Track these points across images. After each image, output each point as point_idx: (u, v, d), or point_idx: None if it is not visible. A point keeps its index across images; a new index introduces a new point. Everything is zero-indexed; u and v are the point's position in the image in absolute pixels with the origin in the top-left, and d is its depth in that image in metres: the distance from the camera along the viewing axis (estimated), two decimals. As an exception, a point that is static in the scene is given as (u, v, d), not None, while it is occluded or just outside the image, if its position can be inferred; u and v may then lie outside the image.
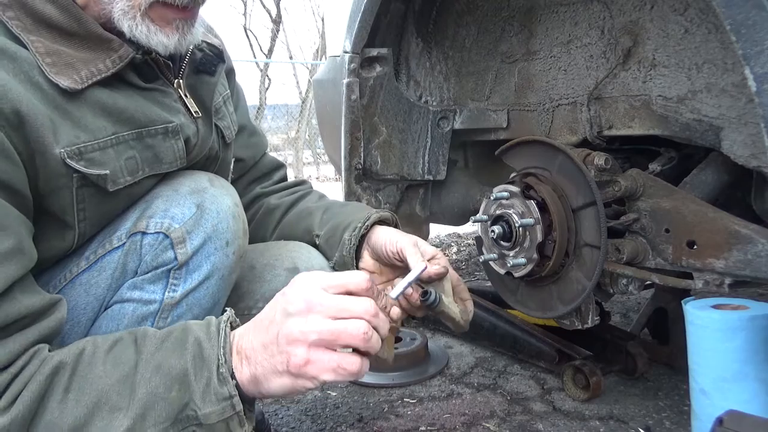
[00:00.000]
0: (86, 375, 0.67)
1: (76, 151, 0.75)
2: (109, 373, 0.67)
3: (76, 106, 0.76)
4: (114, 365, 0.68)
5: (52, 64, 0.74)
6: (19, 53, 0.73)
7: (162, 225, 0.83)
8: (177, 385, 0.67)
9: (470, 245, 3.34)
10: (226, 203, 0.88)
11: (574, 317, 1.37)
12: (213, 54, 0.99)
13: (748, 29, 0.91)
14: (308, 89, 11.15)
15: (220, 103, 1.05)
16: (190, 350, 0.69)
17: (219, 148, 1.03)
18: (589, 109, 1.39)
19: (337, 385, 1.64)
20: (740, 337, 1.11)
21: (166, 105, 0.87)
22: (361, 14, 1.46)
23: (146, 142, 0.84)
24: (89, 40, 0.78)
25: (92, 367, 0.68)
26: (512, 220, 1.36)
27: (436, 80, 1.67)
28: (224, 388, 0.68)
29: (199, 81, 0.96)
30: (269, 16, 12.70)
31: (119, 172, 0.80)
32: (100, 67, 0.78)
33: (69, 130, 0.75)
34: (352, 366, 0.68)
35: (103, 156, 0.78)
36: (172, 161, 0.88)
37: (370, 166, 1.57)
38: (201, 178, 0.90)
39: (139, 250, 0.83)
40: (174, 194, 0.85)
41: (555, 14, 1.45)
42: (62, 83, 0.74)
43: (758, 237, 1.09)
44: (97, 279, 0.84)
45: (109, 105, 0.79)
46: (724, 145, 1.13)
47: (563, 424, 1.36)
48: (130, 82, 0.83)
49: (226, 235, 0.87)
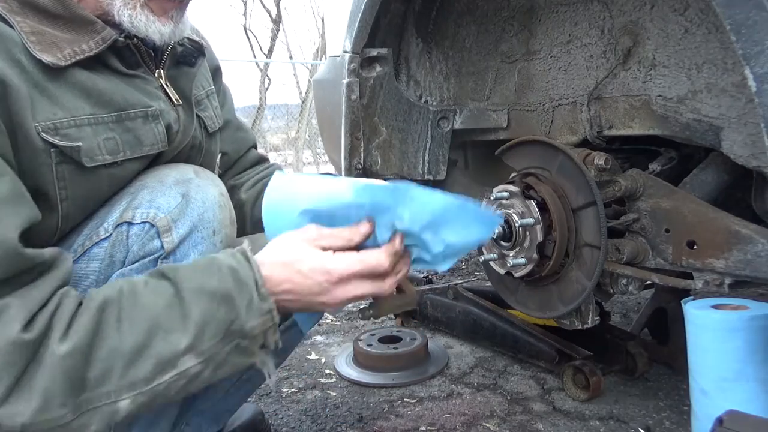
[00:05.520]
0: (133, 306, 0.72)
1: (51, 125, 0.77)
2: (154, 301, 0.73)
3: (56, 85, 0.78)
4: (156, 295, 0.74)
5: (37, 42, 0.77)
6: (4, 32, 0.75)
7: (148, 215, 0.84)
8: (224, 305, 0.74)
9: (470, 245, 3.33)
10: (211, 193, 0.90)
11: (574, 317, 1.37)
12: (193, 48, 1.01)
13: (748, 29, 0.91)
14: (308, 89, 11.17)
15: (203, 95, 1.07)
16: (227, 274, 0.76)
17: (202, 138, 1.04)
18: (589, 109, 1.39)
19: (336, 385, 1.64)
20: (740, 337, 1.11)
21: (146, 91, 0.89)
22: (361, 14, 1.46)
23: (126, 125, 0.85)
24: (73, 21, 0.81)
25: (136, 298, 0.73)
26: (512, 220, 1.36)
27: (436, 80, 1.67)
28: (265, 303, 0.77)
29: (179, 72, 0.98)
30: (269, 16, 12.72)
31: (96, 148, 0.82)
32: (84, 47, 0.81)
33: (46, 107, 0.77)
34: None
35: (79, 132, 0.80)
36: (153, 143, 0.89)
37: (370, 166, 1.57)
38: (186, 170, 0.91)
39: (126, 241, 0.85)
40: (159, 185, 0.87)
41: (555, 14, 1.45)
42: (46, 59, 0.76)
43: (758, 237, 1.09)
44: (86, 271, 0.85)
45: (89, 86, 0.81)
46: (724, 145, 1.13)
47: (563, 424, 1.36)
48: (112, 67, 0.85)
49: (213, 224, 0.88)
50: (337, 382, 1.66)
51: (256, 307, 0.76)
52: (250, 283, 0.77)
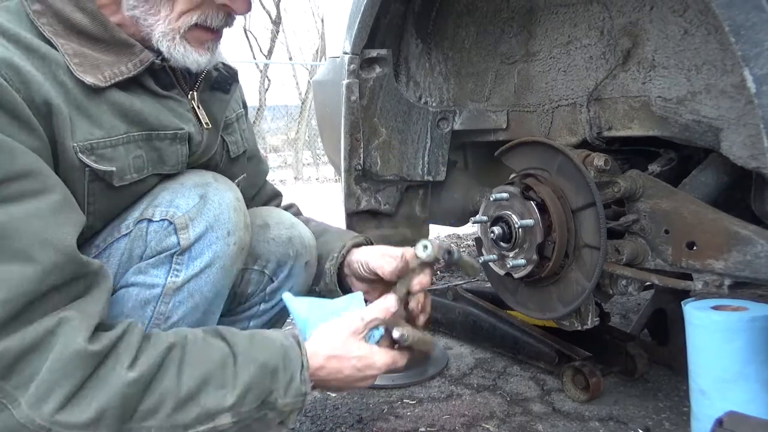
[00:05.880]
0: (194, 356, 0.77)
1: (88, 146, 0.81)
2: (211, 357, 0.79)
3: (95, 104, 0.82)
4: (212, 351, 0.80)
5: (79, 63, 0.81)
6: (49, 53, 0.79)
7: (167, 213, 0.88)
8: (269, 377, 0.81)
9: (470, 246, 3.34)
10: (228, 196, 0.93)
11: (574, 318, 1.37)
12: (228, 74, 1.05)
13: (747, 30, 0.91)
14: (308, 90, 11.17)
15: (233, 119, 1.12)
16: (278, 350, 0.84)
17: (221, 161, 1.08)
18: (588, 110, 1.40)
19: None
20: (740, 338, 1.11)
21: (178, 113, 0.93)
22: (360, 15, 1.46)
23: (154, 144, 0.90)
24: (114, 44, 0.85)
25: (196, 349, 0.78)
26: (512, 221, 1.36)
27: (435, 81, 1.68)
28: (302, 386, 0.84)
29: (212, 97, 1.02)
30: (269, 18, 12.71)
31: (127, 168, 0.86)
32: (122, 69, 0.85)
33: (85, 126, 0.81)
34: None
35: (114, 153, 0.84)
36: (175, 164, 0.94)
37: (369, 167, 1.57)
38: (206, 175, 0.96)
39: (145, 237, 0.88)
40: (179, 187, 0.91)
41: (554, 15, 1.45)
42: (88, 80, 0.80)
43: (758, 238, 1.09)
44: (106, 265, 0.87)
45: (126, 106, 0.85)
46: (723, 146, 1.13)
47: (563, 425, 1.36)
48: (147, 88, 0.89)
49: (228, 225, 0.91)
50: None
51: (295, 388, 0.83)
52: (297, 365, 0.84)
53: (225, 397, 0.77)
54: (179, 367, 0.75)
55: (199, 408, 0.75)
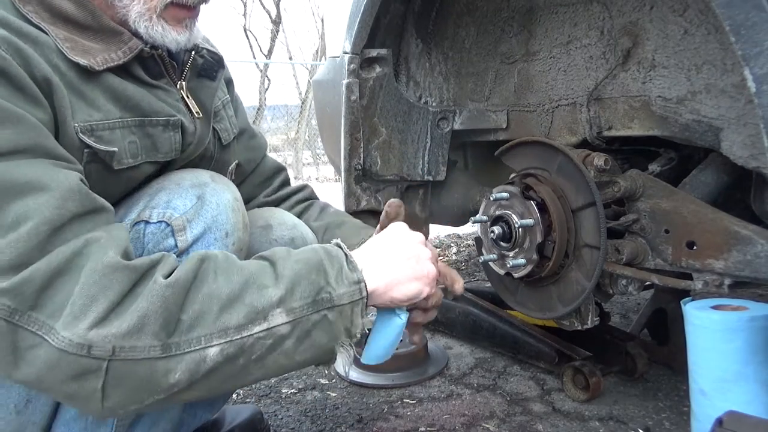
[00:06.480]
0: (230, 265, 0.76)
1: (88, 127, 0.81)
2: (248, 265, 0.77)
3: (90, 88, 0.82)
4: (248, 263, 0.78)
5: (71, 48, 0.80)
6: (40, 37, 0.78)
7: (164, 214, 0.87)
8: (315, 270, 0.78)
9: (470, 246, 3.34)
10: (226, 197, 0.92)
11: (574, 318, 1.37)
12: (214, 60, 1.04)
13: (747, 30, 0.91)
14: (308, 90, 11.17)
15: (219, 106, 1.10)
16: (319, 250, 0.82)
17: (214, 150, 1.07)
18: (588, 110, 1.40)
19: (336, 385, 1.64)
20: (740, 337, 1.11)
21: (168, 102, 0.93)
22: (360, 15, 1.46)
23: (147, 130, 0.89)
24: (102, 32, 0.84)
25: (233, 261, 0.77)
26: (512, 221, 1.36)
27: (435, 81, 1.68)
28: (354, 273, 0.81)
29: (200, 84, 1.01)
30: (269, 17, 12.72)
31: (123, 152, 0.86)
32: (113, 56, 0.84)
33: (83, 108, 0.81)
34: None
35: (112, 135, 0.84)
36: (168, 151, 0.93)
37: (369, 166, 1.57)
38: (203, 174, 0.95)
39: (142, 239, 0.87)
40: (176, 188, 0.90)
41: (554, 15, 1.45)
42: (82, 62, 0.80)
43: (758, 238, 1.09)
44: None
45: (119, 91, 0.85)
46: (723, 145, 1.13)
47: (563, 425, 1.36)
48: (137, 77, 0.89)
49: (226, 226, 0.91)
50: (337, 383, 1.66)
51: (346, 275, 0.80)
52: (341, 256, 0.82)
53: (272, 292, 0.74)
54: (215, 275, 0.73)
55: (247, 306, 0.73)
